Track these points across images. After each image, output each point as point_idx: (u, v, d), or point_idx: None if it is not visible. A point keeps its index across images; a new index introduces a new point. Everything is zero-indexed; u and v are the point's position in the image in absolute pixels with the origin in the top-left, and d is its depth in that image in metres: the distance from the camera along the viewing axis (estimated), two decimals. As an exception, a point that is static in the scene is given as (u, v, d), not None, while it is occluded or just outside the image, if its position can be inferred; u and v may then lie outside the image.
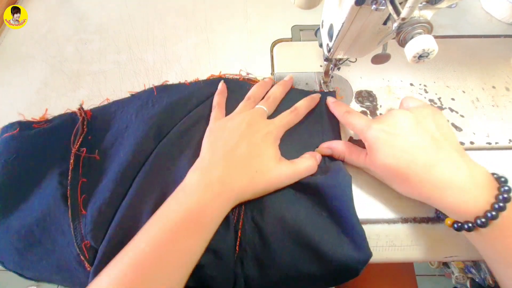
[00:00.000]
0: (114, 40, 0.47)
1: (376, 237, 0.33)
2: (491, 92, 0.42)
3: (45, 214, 0.32)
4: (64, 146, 0.36)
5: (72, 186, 0.33)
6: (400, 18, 0.23)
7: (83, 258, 0.30)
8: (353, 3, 0.25)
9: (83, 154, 0.35)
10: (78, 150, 0.35)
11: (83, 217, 0.32)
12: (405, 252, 0.33)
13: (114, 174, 0.33)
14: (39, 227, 0.32)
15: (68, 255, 0.31)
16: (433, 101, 0.41)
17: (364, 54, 0.34)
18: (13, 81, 0.43)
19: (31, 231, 0.32)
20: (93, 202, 0.32)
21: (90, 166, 0.35)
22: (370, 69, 0.44)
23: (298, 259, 0.30)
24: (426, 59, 0.24)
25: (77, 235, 0.31)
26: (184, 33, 0.49)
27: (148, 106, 0.39)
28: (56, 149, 0.36)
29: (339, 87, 0.43)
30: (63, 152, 0.36)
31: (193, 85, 0.42)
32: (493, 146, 0.38)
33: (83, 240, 0.30)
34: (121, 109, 0.40)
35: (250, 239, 0.31)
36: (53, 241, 0.31)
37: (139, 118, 0.37)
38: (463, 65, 0.45)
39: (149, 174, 0.33)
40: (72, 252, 0.30)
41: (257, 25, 0.50)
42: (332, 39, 0.32)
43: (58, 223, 0.32)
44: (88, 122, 0.38)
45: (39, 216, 0.32)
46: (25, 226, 0.32)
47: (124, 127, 0.37)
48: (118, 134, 0.37)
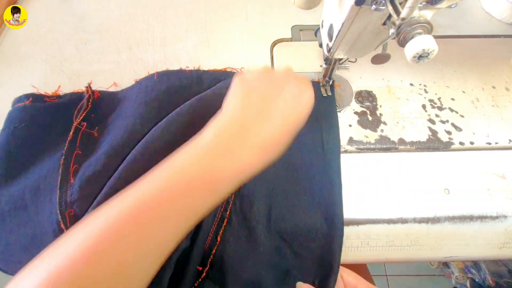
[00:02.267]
0: (114, 40, 0.47)
1: (376, 237, 0.33)
2: (491, 92, 0.42)
3: (40, 181, 0.33)
4: (71, 121, 0.38)
5: (66, 156, 0.34)
6: (400, 18, 0.23)
7: (64, 226, 0.30)
8: (353, 3, 0.25)
9: (83, 128, 0.37)
10: (79, 123, 0.37)
11: (71, 185, 0.32)
12: (405, 252, 0.33)
13: (108, 149, 0.34)
14: (31, 192, 0.32)
15: (48, 225, 0.31)
16: (433, 101, 0.41)
17: (364, 54, 0.34)
18: (13, 81, 0.43)
19: (22, 195, 0.32)
20: (82, 172, 0.33)
21: (88, 141, 0.36)
22: (370, 69, 0.44)
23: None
24: (426, 59, 0.24)
25: (62, 203, 0.31)
26: (184, 33, 0.49)
27: (147, 90, 0.39)
28: (64, 123, 0.37)
29: (339, 87, 0.43)
30: (70, 127, 0.37)
31: (192, 73, 0.42)
32: (493, 146, 0.38)
33: (68, 208, 0.31)
34: (125, 94, 0.41)
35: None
36: (38, 208, 0.32)
37: (138, 101, 0.38)
38: (463, 65, 0.45)
39: (143, 153, 0.33)
40: (53, 222, 0.30)
41: (257, 25, 0.50)
42: (332, 39, 0.32)
43: (49, 190, 0.32)
44: (93, 101, 0.39)
45: (34, 182, 0.33)
46: (19, 190, 0.33)
47: (124, 109, 0.38)
48: (118, 115, 0.38)
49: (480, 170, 0.36)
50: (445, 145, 0.38)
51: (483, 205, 0.34)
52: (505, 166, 0.36)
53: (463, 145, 0.38)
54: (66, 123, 0.37)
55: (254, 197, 0.33)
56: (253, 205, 0.33)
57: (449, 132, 0.39)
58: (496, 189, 0.35)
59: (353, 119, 0.40)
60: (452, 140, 0.38)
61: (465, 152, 0.37)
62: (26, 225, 0.32)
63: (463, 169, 0.36)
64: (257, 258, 0.31)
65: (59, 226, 0.30)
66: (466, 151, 0.37)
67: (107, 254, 0.20)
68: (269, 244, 0.32)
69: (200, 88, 0.40)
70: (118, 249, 0.21)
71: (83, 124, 0.37)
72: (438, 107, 0.41)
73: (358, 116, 0.40)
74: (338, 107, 0.41)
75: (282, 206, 0.33)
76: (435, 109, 0.41)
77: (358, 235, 0.33)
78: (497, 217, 0.33)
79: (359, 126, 0.39)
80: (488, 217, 0.33)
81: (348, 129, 0.39)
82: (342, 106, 0.41)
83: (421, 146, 0.38)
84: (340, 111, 0.41)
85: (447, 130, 0.39)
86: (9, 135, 0.36)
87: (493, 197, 0.34)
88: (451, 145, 0.38)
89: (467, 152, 0.37)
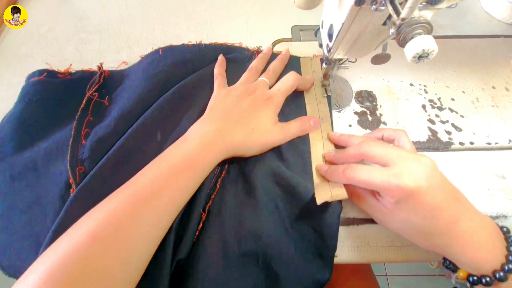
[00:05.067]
0: (114, 40, 0.47)
1: (376, 237, 0.33)
2: (491, 92, 0.42)
3: (52, 147, 0.35)
4: (83, 96, 0.40)
5: (78, 121, 0.37)
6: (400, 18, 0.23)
7: (73, 181, 0.32)
8: (353, 3, 0.25)
9: (94, 98, 0.39)
10: (91, 94, 0.39)
11: (82, 146, 0.35)
12: (405, 252, 0.33)
13: (117, 115, 0.36)
14: (43, 156, 0.35)
15: (56, 184, 0.33)
16: (433, 101, 0.41)
17: (364, 54, 0.35)
18: (13, 81, 0.43)
19: (34, 159, 0.35)
20: (93, 135, 0.36)
21: (98, 109, 0.39)
22: (370, 69, 0.44)
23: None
24: (426, 59, 0.24)
25: (73, 159, 0.34)
26: (184, 33, 0.49)
27: (153, 64, 0.42)
28: (76, 98, 0.39)
29: (340, 87, 0.43)
30: (82, 101, 0.39)
31: (195, 47, 0.45)
32: (493, 146, 0.38)
33: (78, 165, 0.33)
34: (132, 69, 0.44)
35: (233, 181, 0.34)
36: (48, 170, 0.34)
37: (146, 74, 0.41)
38: (463, 65, 0.45)
39: (150, 118, 0.36)
40: (61, 181, 0.33)
41: (257, 25, 0.50)
42: (332, 39, 0.32)
43: (61, 154, 0.34)
44: (104, 77, 0.42)
45: (47, 148, 0.35)
46: (31, 155, 0.35)
47: (132, 82, 0.41)
48: (127, 87, 0.41)
49: (480, 170, 0.36)
50: (445, 145, 0.38)
51: (483, 205, 0.34)
52: (505, 166, 0.36)
53: (463, 145, 0.38)
54: (78, 98, 0.39)
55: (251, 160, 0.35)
56: (249, 163, 0.34)
57: (449, 132, 0.39)
58: (496, 189, 0.35)
59: (353, 119, 0.40)
60: (452, 140, 0.38)
61: (465, 152, 0.37)
62: (33, 186, 0.34)
63: (463, 169, 0.36)
64: (255, 205, 0.31)
65: (67, 184, 0.32)
66: (466, 151, 0.37)
67: (114, 233, 0.24)
68: (266, 190, 0.32)
69: (202, 60, 0.43)
70: (125, 227, 0.25)
71: (94, 94, 0.40)
72: (438, 107, 0.41)
73: (358, 116, 0.40)
74: (338, 107, 0.41)
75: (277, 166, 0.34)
76: (435, 109, 0.41)
77: (358, 235, 0.33)
78: (497, 217, 0.33)
79: (359, 126, 0.39)
80: (488, 217, 0.33)
81: (348, 129, 0.39)
82: (342, 106, 0.41)
83: (421, 146, 0.38)
84: (340, 111, 0.41)
85: (447, 130, 0.39)
86: (23, 107, 0.38)
87: (493, 197, 0.34)
88: (451, 145, 0.38)
89: (467, 152, 0.37)
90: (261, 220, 0.31)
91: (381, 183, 0.27)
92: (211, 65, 0.43)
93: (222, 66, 0.42)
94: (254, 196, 0.32)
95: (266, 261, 0.30)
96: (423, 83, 0.43)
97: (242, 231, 0.30)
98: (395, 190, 0.26)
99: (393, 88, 0.43)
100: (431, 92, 0.42)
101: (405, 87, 0.43)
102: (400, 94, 0.42)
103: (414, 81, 0.43)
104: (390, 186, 0.26)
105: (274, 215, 0.31)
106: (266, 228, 0.30)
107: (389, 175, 0.27)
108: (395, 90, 0.43)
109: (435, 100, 0.42)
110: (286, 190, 0.32)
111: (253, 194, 0.32)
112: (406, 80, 0.43)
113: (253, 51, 0.45)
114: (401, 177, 0.26)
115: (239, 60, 0.44)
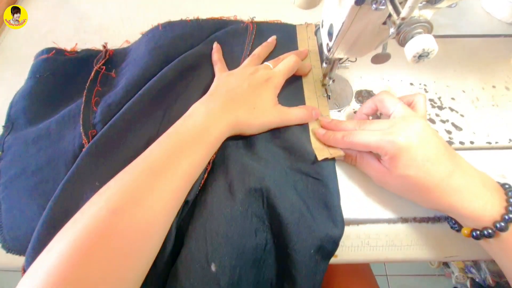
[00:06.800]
0: (114, 40, 0.47)
1: (376, 237, 0.33)
2: (491, 91, 0.42)
3: (65, 116, 0.37)
4: (90, 72, 0.41)
5: (88, 90, 0.39)
6: (400, 17, 0.23)
7: (86, 141, 0.34)
8: (353, 2, 0.25)
9: (102, 71, 0.42)
10: (99, 68, 0.41)
11: (93, 112, 0.37)
12: (405, 252, 0.33)
13: (125, 84, 0.39)
14: (56, 124, 0.37)
15: (70, 147, 0.35)
16: (433, 100, 0.41)
17: (364, 54, 0.35)
18: (13, 81, 0.43)
19: (48, 127, 0.37)
20: (103, 102, 0.38)
21: (106, 80, 0.41)
22: (370, 69, 0.44)
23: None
24: (426, 58, 0.24)
25: (85, 123, 0.36)
26: (184, 33, 0.49)
27: (155, 38, 0.44)
28: (84, 74, 0.41)
29: (340, 86, 0.43)
30: (89, 76, 0.41)
31: (193, 22, 0.48)
32: (493, 146, 0.38)
33: (90, 129, 0.36)
34: (134, 46, 0.46)
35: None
36: (61, 135, 0.36)
37: (149, 47, 0.43)
38: (463, 65, 0.45)
39: (157, 83, 0.38)
40: (75, 144, 0.35)
41: (257, 25, 0.50)
42: (332, 38, 0.32)
43: (73, 121, 0.37)
44: (109, 54, 0.44)
45: (59, 118, 0.37)
46: (45, 125, 0.37)
47: (136, 56, 0.43)
48: (131, 61, 0.43)
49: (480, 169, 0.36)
50: (445, 145, 0.38)
51: (483, 205, 0.34)
52: (505, 166, 0.36)
53: (463, 145, 0.38)
54: (86, 73, 0.41)
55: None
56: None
57: (449, 132, 0.39)
58: (496, 189, 0.35)
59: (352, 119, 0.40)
60: (452, 139, 0.38)
61: (465, 152, 0.37)
62: (46, 149, 0.35)
63: (463, 168, 0.36)
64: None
65: (80, 145, 0.34)
66: (466, 151, 0.37)
67: (134, 206, 0.25)
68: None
69: (201, 35, 0.46)
70: (144, 200, 0.26)
71: (102, 67, 0.42)
72: (438, 107, 0.41)
73: (358, 115, 0.40)
74: (338, 107, 0.41)
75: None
76: (435, 108, 0.41)
77: (358, 235, 0.33)
78: (497, 217, 0.33)
79: (359, 125, 0.39)
80: (488, 216, 0.33)
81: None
82: (342, 105, 0.41)
83: (421, 145, 0.38)
84: (340, 111, 0.41)
85: (447, 130, 0.39)
86: (34, 83, 0.41)
87: (493, 196, 0.34)
88: (451, 145, 0.38)
89: (467, 152, 0.37)
90: (262, 166, 0.33)
91: (375, 143, 0.30)
92: (210, 38, 0.46)
93: (219, 52, 0.44)
94: (255, 151, 0.34)
95: (269, 202, 0.31)
96: (423, 83, 0.43)
97: (245, 173, 0.32)
98: (388, 146, 0.29)
99: (393, 87, 0.43)
100: (431, 92, 0.42)
101: (405, 87, 0.43)
102: (400, 93, 0.42)
103: (414, 81, 0.43)
104: (384, 144, 0.29)
105: (275, 165, 0.33)
106: (268, 173, 0.32)
107: (383, 135, 0.30)
108: (395, 89, 0.43)
109: (435, 100, 0.42)
110: (285, 148, 0.35)
111: (254, 149, 0.35)
112: (406, 80, 0.43)
113: (247, 23, 0.47)
114: (393, 135, 0.29)
115: (236, 32, 0.47)
